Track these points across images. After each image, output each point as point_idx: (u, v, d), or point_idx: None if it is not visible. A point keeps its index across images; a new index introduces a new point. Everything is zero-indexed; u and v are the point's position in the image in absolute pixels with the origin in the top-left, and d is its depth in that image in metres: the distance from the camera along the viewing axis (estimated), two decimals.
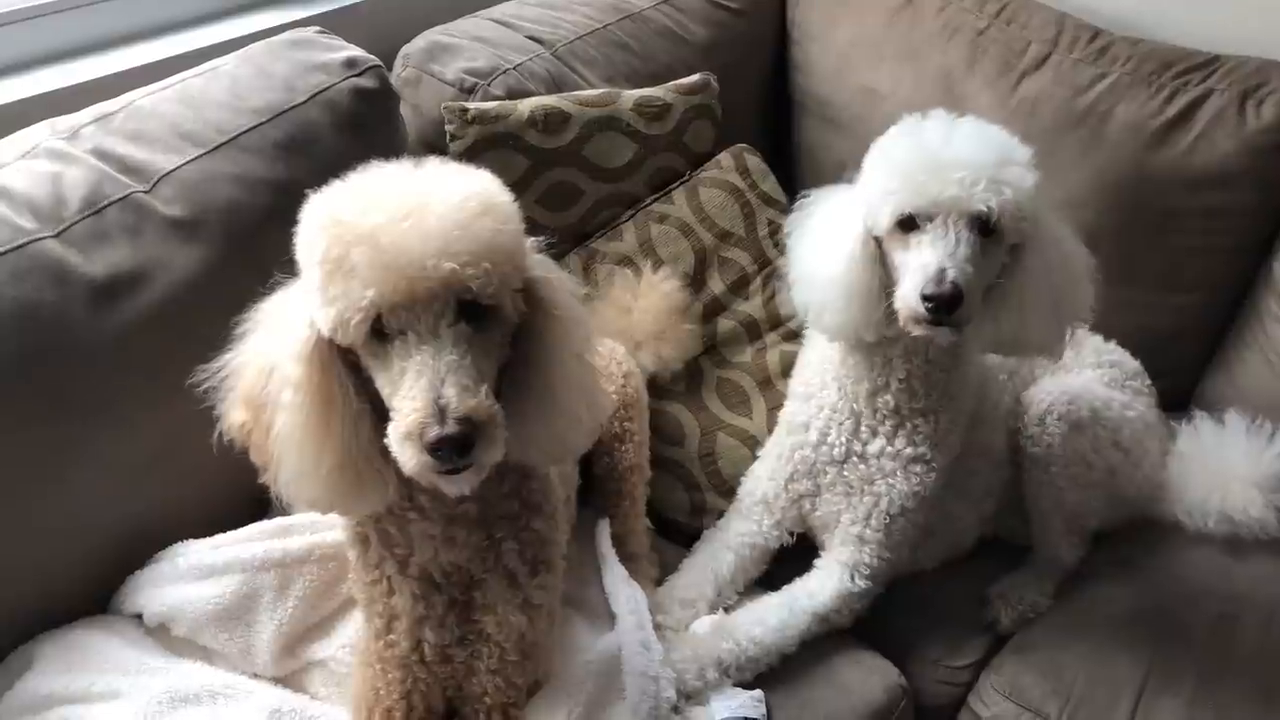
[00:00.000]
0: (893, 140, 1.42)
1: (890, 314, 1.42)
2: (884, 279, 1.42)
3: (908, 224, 1.36)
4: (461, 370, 0.98)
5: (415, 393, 0.97)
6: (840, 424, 1.54)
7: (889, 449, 1.52)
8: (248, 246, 1.41)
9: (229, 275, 1.39)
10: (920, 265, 1.33)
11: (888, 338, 1.46)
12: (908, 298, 1.33)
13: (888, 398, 1.50)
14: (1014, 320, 1.41)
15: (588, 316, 1.15)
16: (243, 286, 1.29)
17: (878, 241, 1.42)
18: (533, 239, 1.11)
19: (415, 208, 0.98)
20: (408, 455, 0.98)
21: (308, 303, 1.02)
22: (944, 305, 1.30)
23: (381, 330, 0.99)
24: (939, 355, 1.47)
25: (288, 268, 1.08)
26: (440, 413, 0.96)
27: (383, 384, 1.02)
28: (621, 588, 1.47)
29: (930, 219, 1.33)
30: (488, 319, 1.02)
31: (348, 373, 1.05)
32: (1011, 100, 1.93)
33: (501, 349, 1.06)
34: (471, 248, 0.98)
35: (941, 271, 1.30)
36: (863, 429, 1.53)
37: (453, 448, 0.96)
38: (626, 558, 1.55)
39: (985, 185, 1.31)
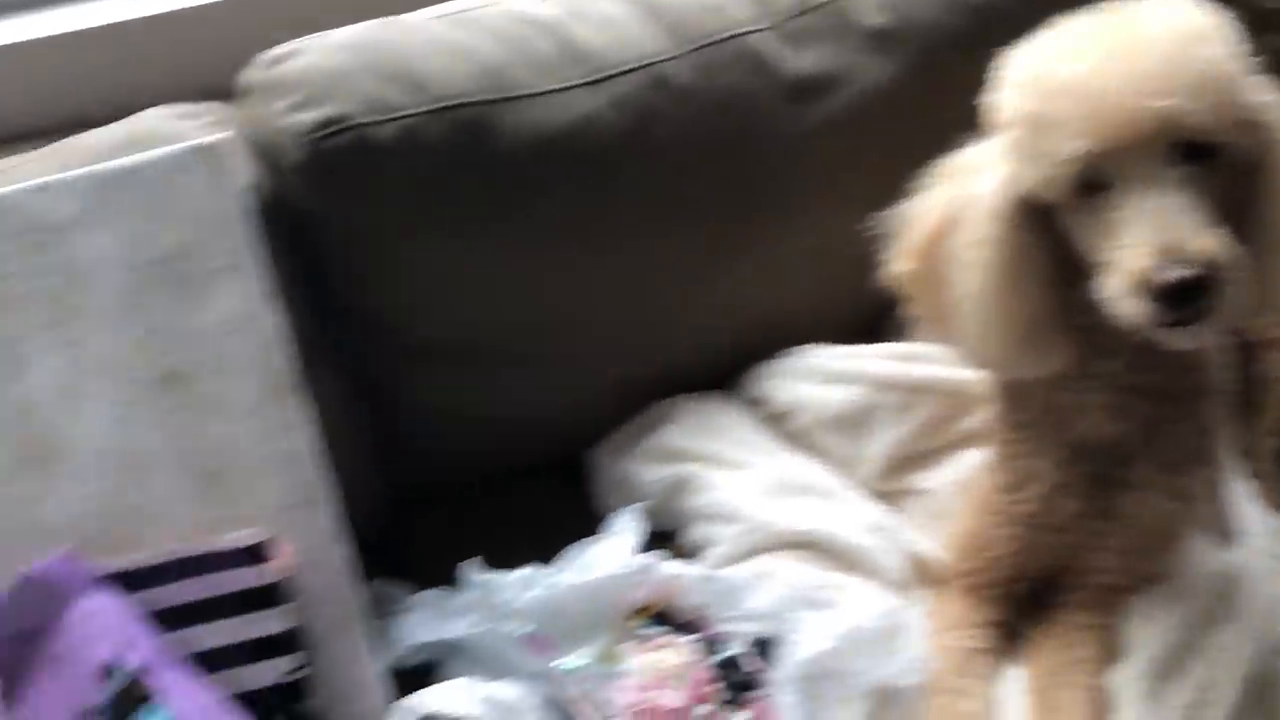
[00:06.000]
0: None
1: None
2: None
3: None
4: (1189, 212, 0.91)
5: (1139, 239, 0.91)
6: None
7: None
8: (937, 67, 1.38)
9: (914, 93, 1.38)
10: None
11: None
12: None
13: None
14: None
15: None
16: (923, 107, 1.31)
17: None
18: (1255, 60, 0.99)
19: (1122, 48, 0.92)
20: (1130, 306, 0.93)
21: (1002, 161, 1.00)
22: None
23: (1088, 183, 0.95)
24: None
25: (969, 98, 1.05)
26: (1170, 257, 0.90)
27: (1092, 239, 0.97)
28: (1249, 504, 1.32)
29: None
30: (1206, 160, 0.93)
31: (1038, 234, 1.02)
32: None
33: (1225, 195, 0.96)
34: (1187, 81, 0.90)
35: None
36: None
37: (1184, 294, 0.90)
38: (1252, 476, 1.37)
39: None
